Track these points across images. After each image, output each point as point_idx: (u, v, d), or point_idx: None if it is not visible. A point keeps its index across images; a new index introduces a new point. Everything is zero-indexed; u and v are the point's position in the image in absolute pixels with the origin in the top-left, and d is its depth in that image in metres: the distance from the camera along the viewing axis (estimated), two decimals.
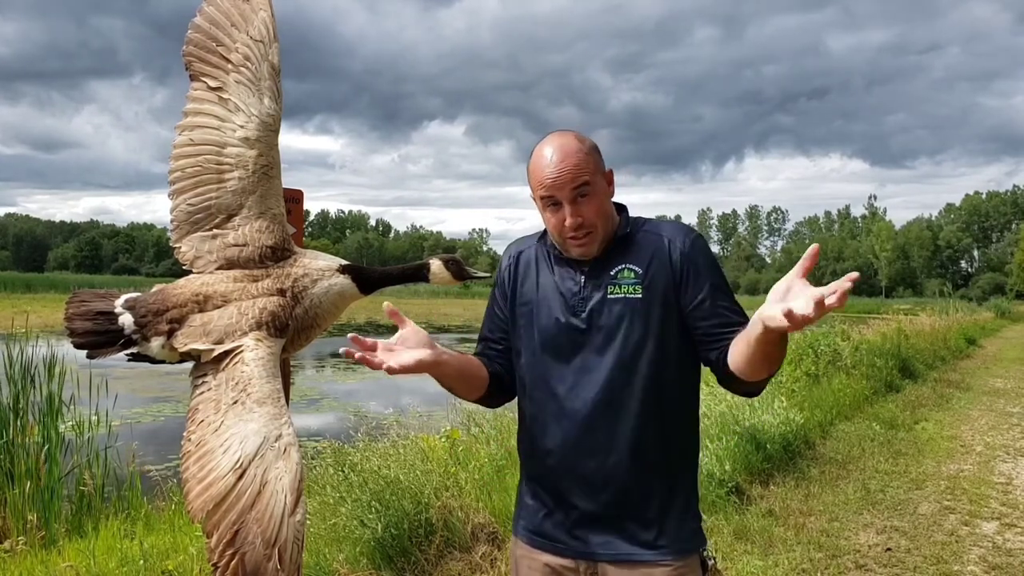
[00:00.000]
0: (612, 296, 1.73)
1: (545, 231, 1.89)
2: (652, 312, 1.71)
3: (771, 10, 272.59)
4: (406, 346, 1.66)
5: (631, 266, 1.74)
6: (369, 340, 1.62)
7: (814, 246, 1.38)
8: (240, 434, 1.50)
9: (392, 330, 1.70)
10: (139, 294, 1.79)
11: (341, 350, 1.60)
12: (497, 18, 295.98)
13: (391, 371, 1.58)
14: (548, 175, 1.71)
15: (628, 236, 1.79)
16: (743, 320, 1.67)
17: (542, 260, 1.86)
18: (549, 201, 1.73)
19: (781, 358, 1.58)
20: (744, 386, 1.70)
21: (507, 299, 1.88)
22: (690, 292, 1.72)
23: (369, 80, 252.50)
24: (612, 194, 1.81)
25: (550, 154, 1.72)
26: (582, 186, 1.71)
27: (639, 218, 1.85)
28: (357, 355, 1.58)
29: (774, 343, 1.50)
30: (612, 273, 1.75)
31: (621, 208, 1.85)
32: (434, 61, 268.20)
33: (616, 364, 1.71)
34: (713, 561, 1.78)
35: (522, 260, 1.89)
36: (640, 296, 1.72)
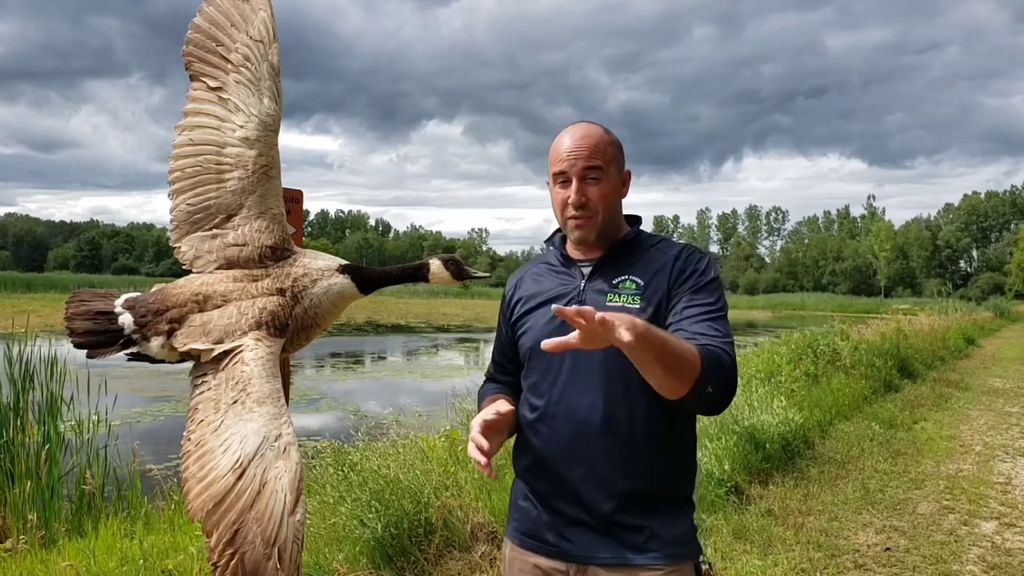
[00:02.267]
0: (611, 304, 1.74)
1: (553, 234, 1.93)
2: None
3: (769, 8, 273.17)
4: (497, 428, 1.74)
5: (634, 277, 1.76)
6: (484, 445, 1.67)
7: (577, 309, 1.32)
8: (240, 434, 1.50)
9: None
10: (139, 294, 1.79)
11: (472, 455, 1.68)
12: (494, 16, 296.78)
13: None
14: (565, 149, 1.77)
15: (635, 247, 1.81)
16: (709, 332, 1.60)
17: (544, 272, 1.90)
18: (560, 177, 1.78)
19: (674, 364, 1.45)
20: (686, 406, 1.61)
21: (507, 321, 1.93)
22: (672, 298, 1.72)
23: (366, 79, 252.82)
24: (624, 194, 1.84)
25: (572, 132, 1.79)
26: (594, 168, 1.75)
27: (653, 235, 1.87)
28: (484, 467, 1.65)
29: (629, 351, 1.40)
30: (614, 282, 1.76)
31: (636, 219, 1.88)
32: (431, 60, 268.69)
33: (610, 371, 1.71)
34: (708, 567, 1.77)
35: (522, 283, 1.93)
36: (638, 306, 1.72)
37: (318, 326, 1.81)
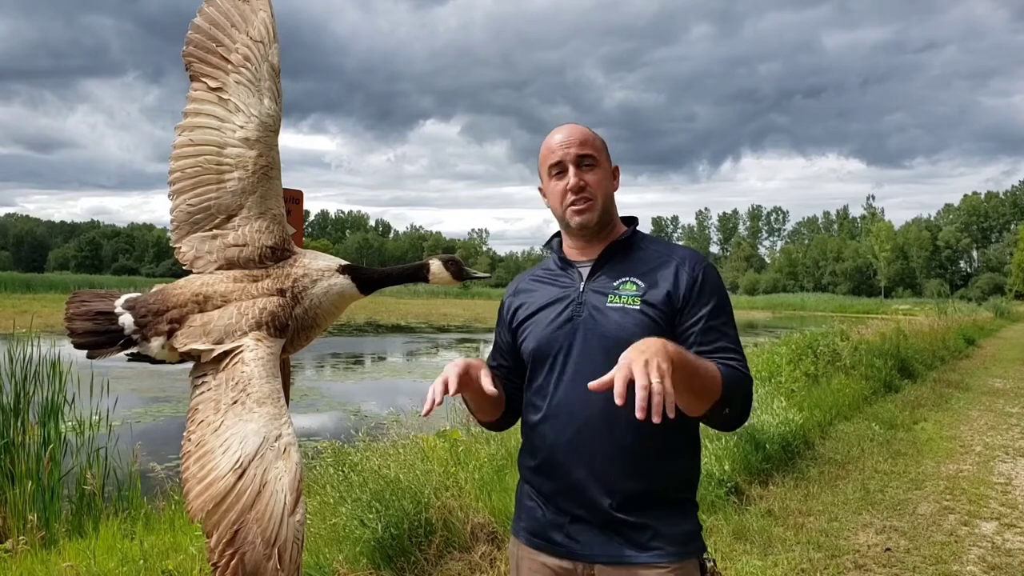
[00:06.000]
0: (611, 305, 1.75)
1: (551, 238, 1.94)
2: (649, 325, 1.73)
3: (766, 7, 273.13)
4: (474, 379, 1.73)
5: (634, 279, 1.78)
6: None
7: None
8: (240, 434, 1.50)
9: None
10: (139, 294, 1.79)
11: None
12: (490, 15, 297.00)
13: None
14: (556, 143, 1.82)
15: (631, 247, 1.83)
16: (731, 356, 1.70)
17: (543, 276, 1.91)
18: (556, 169, 1.82)
19: (701, 387, 1.58)
20: (702, 421, 1.71)
21: (507, 326, 1.94)
22: (686, 314, 1.74)
23: (363, 79, 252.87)
24: (616, 187, 1.88)
25: (560, 129, 1.85)
26: (587, 156, 1.80)
27: (649, 235, 1.90)
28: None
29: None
30: (615, 284, 1.78)
31: (632, 220, 1.90)
32: (428, 59, 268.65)
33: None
34: (712, 563, 1.78)
35: (520, 289, 1.94)
36: (638, 308, 1.74)
37: (318, 326, 1.81)
